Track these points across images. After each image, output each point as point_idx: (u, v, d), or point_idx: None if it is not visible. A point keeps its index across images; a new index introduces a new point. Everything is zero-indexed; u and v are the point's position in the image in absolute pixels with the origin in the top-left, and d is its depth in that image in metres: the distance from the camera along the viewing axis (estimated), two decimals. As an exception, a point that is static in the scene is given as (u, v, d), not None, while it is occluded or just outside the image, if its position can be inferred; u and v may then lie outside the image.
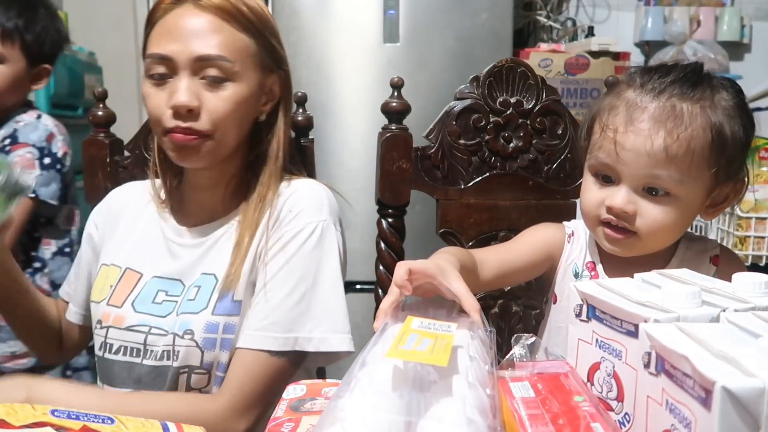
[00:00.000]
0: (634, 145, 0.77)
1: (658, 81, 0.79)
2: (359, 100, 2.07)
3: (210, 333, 0.85)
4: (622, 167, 0.78)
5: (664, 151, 0.75)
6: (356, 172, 2.03)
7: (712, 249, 0.90)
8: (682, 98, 0.77)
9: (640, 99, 0.79)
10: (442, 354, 0.48)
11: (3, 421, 0.47)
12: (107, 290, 0.92)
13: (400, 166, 1.13)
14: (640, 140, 0.76)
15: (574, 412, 0.49)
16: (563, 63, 2.24)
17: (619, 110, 0.80)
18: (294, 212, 0.89)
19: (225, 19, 0.84)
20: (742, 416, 0.39)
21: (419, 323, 0.56)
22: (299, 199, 0.90)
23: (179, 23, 0.84)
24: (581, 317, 0.62)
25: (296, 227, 0.88)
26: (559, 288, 0.92)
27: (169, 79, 0.84)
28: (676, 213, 0.79)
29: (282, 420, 0.58)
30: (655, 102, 0.78)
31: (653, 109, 0.77)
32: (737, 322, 0.50)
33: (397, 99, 1.12)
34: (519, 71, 1.13)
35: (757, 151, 1.58)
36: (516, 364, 0.59)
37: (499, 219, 1.16)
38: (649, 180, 0.78)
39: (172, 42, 0.83)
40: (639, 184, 0.79)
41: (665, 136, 0.76)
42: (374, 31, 2.07)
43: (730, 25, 2.69)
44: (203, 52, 0.83)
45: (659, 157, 0.76)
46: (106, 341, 0.89)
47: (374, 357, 0.52)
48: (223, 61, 0.83)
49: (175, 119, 0.83)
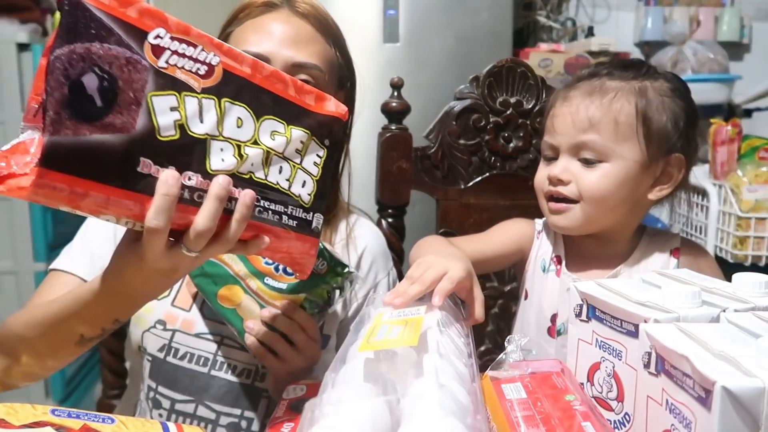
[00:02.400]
0: (564, 114, 0.86)
1: (596, 68, 0.90)
2: (359, 100, 2.06)
3: None
4: (557, 138, 0.87)
5: (587, 116, 0.84)
6: (356, 172, 2.02)
7: (673, 242, 0.92)
8: (611, 77, 0.86)
9: (576, 82, 0.89)
10: (412, 335, 0.50)
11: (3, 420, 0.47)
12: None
13: (399, 166, 1.13)
14: (570, 109, 0.86)
15: (566, 411, 0.49)
16: (563, 63, 2.24)
17: (560, 94, 0.90)
18: (375, 266, 0.95)
19: (318, 28, 0.85)
20: (742, 416, 0.39)
21: (389, 315, 0.57)
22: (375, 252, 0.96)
23: (274, 26, 0.83)
24: (581, 317, 0.62)
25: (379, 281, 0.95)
26: (529, 283, 0.95)
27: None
28: (610, 180, 0.84)
29: (282, 420, 0.58)
30: (588, 82, 0.87)
31: (585, 86, 0.87)
32: (737, 322, 0.50)
33: (397, 99, 1.12)
34: (519, 71, 1.13)
35: (756, 151, 1.58)
36: (509, 364, 0.59)
37: (499, 219, 1.15)
38: (579, 147, 0.85)
39: (269, 42, 0.82)
40: (573, 152, 0.86)
41: (590, 105, 0.84)
42: (374, 31, 2.07)
43: (730, 25, 2.69)
44: (301, 59, 0.82)
45: (584, 122, 0.84)
46: (171, 345, 0.84)
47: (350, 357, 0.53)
48: (316, 71, 0.84)
49: None
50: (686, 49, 2.57)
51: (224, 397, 0.83)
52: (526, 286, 0.95)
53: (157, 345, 0.84)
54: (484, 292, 1.17)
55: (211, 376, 0.83)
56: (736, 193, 1.52)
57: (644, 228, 0.94)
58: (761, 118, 2.09)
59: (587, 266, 0.90)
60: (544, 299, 0.91)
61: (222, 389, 0.83)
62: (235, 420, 0.83)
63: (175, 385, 0.83)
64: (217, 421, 0.83)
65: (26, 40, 1.91)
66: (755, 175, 1.51)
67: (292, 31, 0.83)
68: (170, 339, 0.84)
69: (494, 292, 1.17)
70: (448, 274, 0.67)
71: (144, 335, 0.84)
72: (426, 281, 0.66)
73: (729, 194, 1.53)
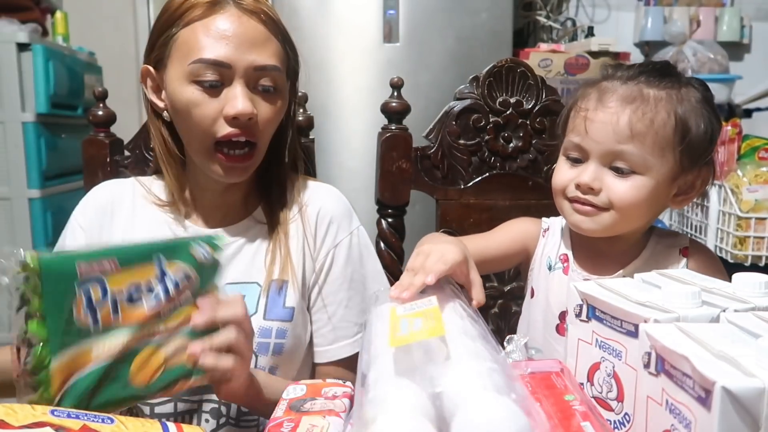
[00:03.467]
0: (602, 121, 0.82)
1: (628, 71, 0.86)
2: (359, 100, 2.07)
3: (263, 338, 0.85)
4: (590, 143, 0.83)
5: (629, 127, 0.80)
6: (356, 172, 2.03)
7: (682, 242, 0.92)
8: (649, 85, 0.83)
9: (611, 84, 0.85)
10: (436, 325, 0.51)
11: (2, 421, 0.47)
12: None
13: (399, 166, 1.13)
14: (607, 116, 0.82)
15: (565, 411, 0.49)
16: (563, 63, 2.24)
17: (591, 95, 0.86)
18: (334, 226, 0.93)
19: (268, 26, 0.84)
20: (742, 416, 0.39)
21: (402, 309, 0.57)
22: (334, 213, 0.93)
23: (227, 28, 0.80)
24: (581, 317, 0.62)
25: (341, 242, 0.93)
26: (535, 282, 0.95)
27: (221, 86, 0.81)
28: (642, 192, 0.82)
29: (282, 420, 0.58)
30: (624, 86, 0.83)
31: (622, 91, 0.83)
32: (737, 322, 0.50)
33: (396, 99, 1.12)
34: (519, 71, 1.13)
35: (756, 151, 1.58)
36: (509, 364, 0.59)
37: (498, 219, 1.15)
38: (614, 156, 0.82)
39: (226, 47, 0.80)
40: (606, 161, 0.83)
41: (630, 114, 0.81)
42: (374, 31, 2.07)
43: (730, 25, 2.69)
44: (261, 62, 0.81)
45: (624, 132, 0.80)
46: None
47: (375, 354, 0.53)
48: (277, 72, 0.83)
49: (231, 127, 0.81)
50: (686, 49, 2.57)
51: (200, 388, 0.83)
52: (532, 285, 0.95)
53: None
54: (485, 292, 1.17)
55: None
56: (736, 193, 1.52)
57: (652, 227, 0.94)
58: (761, 118, 2.09)
59: (597, 264, 0.90)
60: (551, 297, 0.91)
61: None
62: (216, 405, 0.85)
63: None
64: (201, 408, 0.85)
65: (26, 40, 1.91)
66: (755, 176, 1.51)
67: (247, 32, 0.81)
68: None
69: (494, 292, 1.17)
70: (443, 257, 0.68)
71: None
72: (427, 269, 0.66)
73: (729, 194, 1.53)
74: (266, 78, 0.82)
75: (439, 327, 0.50)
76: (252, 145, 0.84)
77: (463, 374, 0.46)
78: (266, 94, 0.83)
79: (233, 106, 0.80)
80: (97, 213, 0.93)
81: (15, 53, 1.88)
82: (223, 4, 0.82)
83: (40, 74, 1.93)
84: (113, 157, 1.12)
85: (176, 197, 0.91)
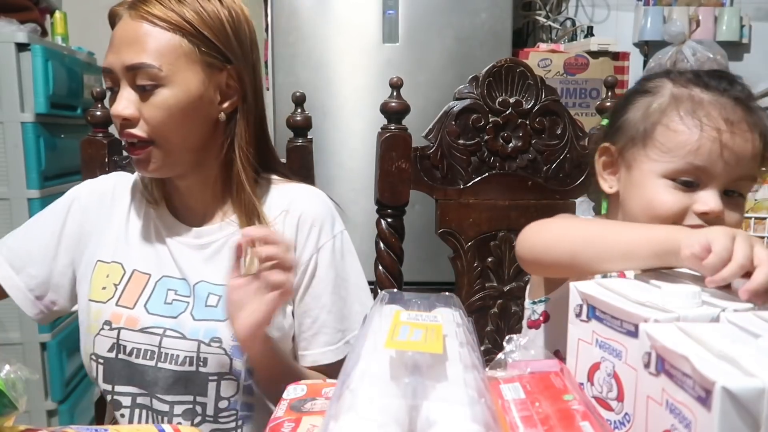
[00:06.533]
0: (740, 148, 0.77)
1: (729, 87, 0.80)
2: (358, 100, 2.07)
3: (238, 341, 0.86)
4: (720, 169, 0.77)
5: (758, 154, 0.78)
6: (355, 172, 2.02)
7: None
8: (754, 106, 0.80)
9: (722, 101, 0.78)
10: (435, 342, 0.50)
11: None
12: (112, 289, 0.90)
13: (399, 166, 1.13)
14: (743, 143, 0.77)
15: (564, 411, 0.49)
16: (562, 63, 2.24)
17: (709, 110, 0.78)
18: (316, 231, 0.92)
19: (156, 23, 0.83)
20: (742, 416, 0.39)
21: (407, 316, 0.57)
22: (315, 217, 0.93)
23: (116, 34, 0.85)
24: (581, 317, 0.62)
25: (323, 246, 0.92)
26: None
27: (115, 90, 0.85)
28: (743, 212, 0.81)
29: (282, 420, 0.58)
30: (740, 106, 0.78)
31: (741, 112, 0.78)
32: (737, 322, 0.50)
33: (396, 99, 1.12)
34: (518, 71, 1.13)
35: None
36: (509, 364, 0.59)
37: (498, 219, 1.16)
38: (736, 182, 0.79)
39: (111, 53, 0.84)
40: (725, 186, 0.78)
41: (758, 140, 0.78)
42: (373, 31, 2.07)
43: (730, 25, 2.69)
44: (129, 61, 0.82)
45: (756, 159, 0.78)
46: (119, 342, 0.87)
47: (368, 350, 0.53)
48: (148, 68, 0.82)
49: (119, 128, 0.85)
50: (685, 49, 2.57)
51: (174, 387, 0.86)
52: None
53: (107, 345, 0.88)
54: (484, 292, 1.18)
55: (158, 368, 0.86)
56: (735, 192, 1.52)
57: None
58: (760, 118, 2.09)
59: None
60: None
61: (170, 380, 0.86)
62: (189, 407, 0.86)
63: (130, 382, 0.87)
64: (172, 411, 0.86)
65: (25, 40, 1.91)
66: (755, 175, 1.51)
67: (125, 34, 0.83)
68: (117, 337, 0.88)
69: (494, 292, 1.17)
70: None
71: (95, 340, 0.88)
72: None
73: (728, 194, 1.53)
74: (141, 76, 0.83)
75: (438, 344, 0.50)
76: (148, 142, 0.85)
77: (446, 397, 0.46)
78: (146, 93, 0.83)
79: (111, 109, 0.85)
80: (99, 199, 0.97)
81: (14, 53, 1.87)
82: (120, 13, 0.85)
83: (39, 74, 1.92)
84: (111, 158, 1.12)
85: (157, 196, 0.95)
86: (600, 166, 0.89)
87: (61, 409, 1.95)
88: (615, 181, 0.88)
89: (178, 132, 0.85)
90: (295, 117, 1.13)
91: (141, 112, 0.83)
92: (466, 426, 0.42)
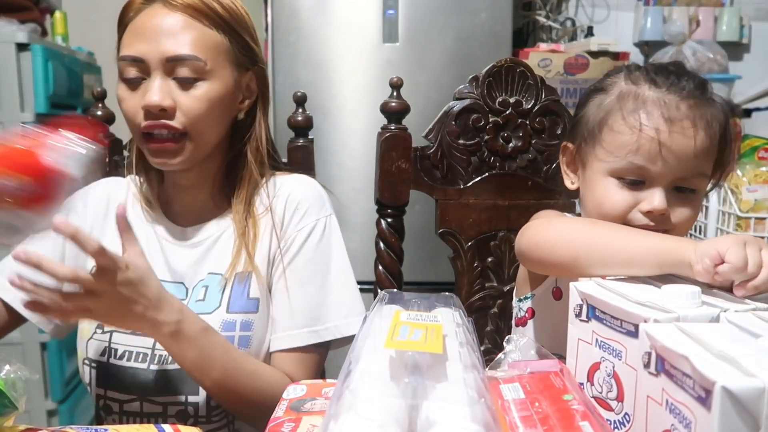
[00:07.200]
0: (681, 146, 0.77)
1: (677, 82, 0.80)
2: (358, 100, 2.07)
3: (227, 331, 0.85)
4: (660, 168, 0.78)
5: (702, 150, 0.78)
6: (355, 172, 2.02)
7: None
8: (704, 101, 0.80)
9: (667, 99, 0.78)
10: (435, 342, 0.50)
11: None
12: None
13: (399, 166, 1.12)
14: (684, 140, 0.77)
15: (564, 411, 0.49)
16: (562, 63, 2.24)
17: (651, 109, 0.78)
18: (301, 211, 0.91)
19: (195, 17, 0.83)
20: (742, 416, 0.39)
21: (407, 316, 0.57)
22: (302, 198, 0.92)
23: (149, 23, 0.83)
24: (581, 317, 0.62)
25: (306, 226, 0.91)
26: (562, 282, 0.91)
27: (142, 81, 0.83)
28: (697, 209, 0.82)
29: (282, 420, 0.58)
30: (685, 103, 0.78)
31: (686, 109, 0.78)
32: (737, 322, 0.50)
33: (396, 99, 1.12)
34: (518, 71, 1.13)
35: (756, 151, 1.58)
36: (509, 363, 0.59)
37: (498, 219, 1.16)
38: (683, 180, 0.79)
39: (143, 43, 0.82)
40: (672, 184, 0.79)
41: (703, 137, 0.78)
42: (374, 31, 2.07)
43: (730, 25, 2.69)
44: (175, 52, 0.82)
45: (700, 156, 0.78)
46: (111, 346, 0.87)
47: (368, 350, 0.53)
48: (195, 61, 0.82)
49: (146, 119, 0.83)
50: (685, 49, 2.58)
51: (166, 388, 0.86)
52: (558, 284, 0.91)
53: (99, 349, 0.87)
54: (484, 292, 1.18)
55: (151, 370, 0.86)
56: (735, 193, 1.52)
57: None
58: (761, 118, 2.09)
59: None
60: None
61: (161, 381, 0.86)
62: (182, 407, 0.86)
63: (121, 386, 0.87)
64: (166, 413, 0.86)
65: (25, 40, 1.91)
66: (755, 175, 1.51)
67: (163, 25, 0.82)
68: (109, 340, 0.87)
69: (494, 292, 1.17)
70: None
71: (88, 344, 0.88)
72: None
73: (728, 194, 1.53)
74: (183, 68, 0.82)
75: (438, 344, 0.50)
76: (183, 135, 0.84)
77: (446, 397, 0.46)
78: (187, 85, 0.83)
79: (145, 98, 0.82)
80: (93, 210, 0.95)
81: (14, 53, 1.87)
82: (152, 2, 0.84)
83: (39, 74, 1.92)
84: (112, 157, 1.12)
85: (152, 194, 0.94)
86: (564, 164, 0.92)
87: (61, 409, 1.95)
88: (576, 178, 0.90)
89: (211, 127, 0.86)
90: (296, 117, 1.13)
91: (177, 103, 0.83)
92: (466, 426, 0.42)
